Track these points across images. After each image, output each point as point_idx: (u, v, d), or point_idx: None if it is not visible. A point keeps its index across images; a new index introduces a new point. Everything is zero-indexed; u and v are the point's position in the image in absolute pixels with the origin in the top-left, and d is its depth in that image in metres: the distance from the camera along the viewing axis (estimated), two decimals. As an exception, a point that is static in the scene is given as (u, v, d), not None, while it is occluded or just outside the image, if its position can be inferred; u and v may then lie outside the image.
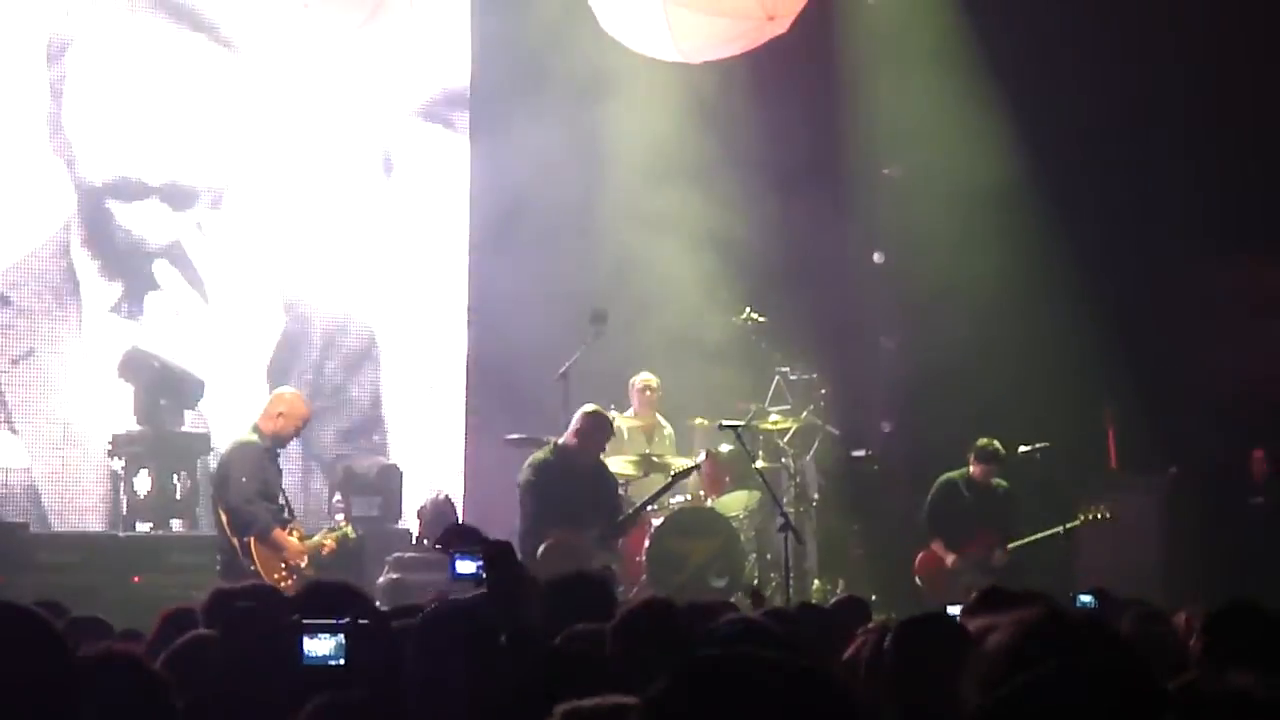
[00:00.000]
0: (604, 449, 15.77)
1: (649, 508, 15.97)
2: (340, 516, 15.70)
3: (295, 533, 14.90)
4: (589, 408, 15.76)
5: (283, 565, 14.55)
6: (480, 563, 7.52)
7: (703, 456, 16.92)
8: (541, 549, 14.75)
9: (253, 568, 14.39)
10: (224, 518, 15.02)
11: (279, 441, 15.25)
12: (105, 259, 18.00)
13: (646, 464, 16.56)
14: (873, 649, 6.27)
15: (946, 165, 19.21)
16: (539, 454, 15.63)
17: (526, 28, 18.79)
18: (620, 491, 16.03)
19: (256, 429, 15.23)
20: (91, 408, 17.56)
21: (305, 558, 14.75)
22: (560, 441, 15.61)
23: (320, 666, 5.77)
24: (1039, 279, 18.65)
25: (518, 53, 19.06)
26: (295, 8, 15.79)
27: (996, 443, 17.36)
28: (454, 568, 8.46)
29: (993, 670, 3.89)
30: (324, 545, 15.11)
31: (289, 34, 17.32)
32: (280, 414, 15.23)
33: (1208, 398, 18.69)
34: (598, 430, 15.64)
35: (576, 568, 13.04)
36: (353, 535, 15.42)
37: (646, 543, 15.96)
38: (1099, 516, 17.36)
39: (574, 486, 15.38)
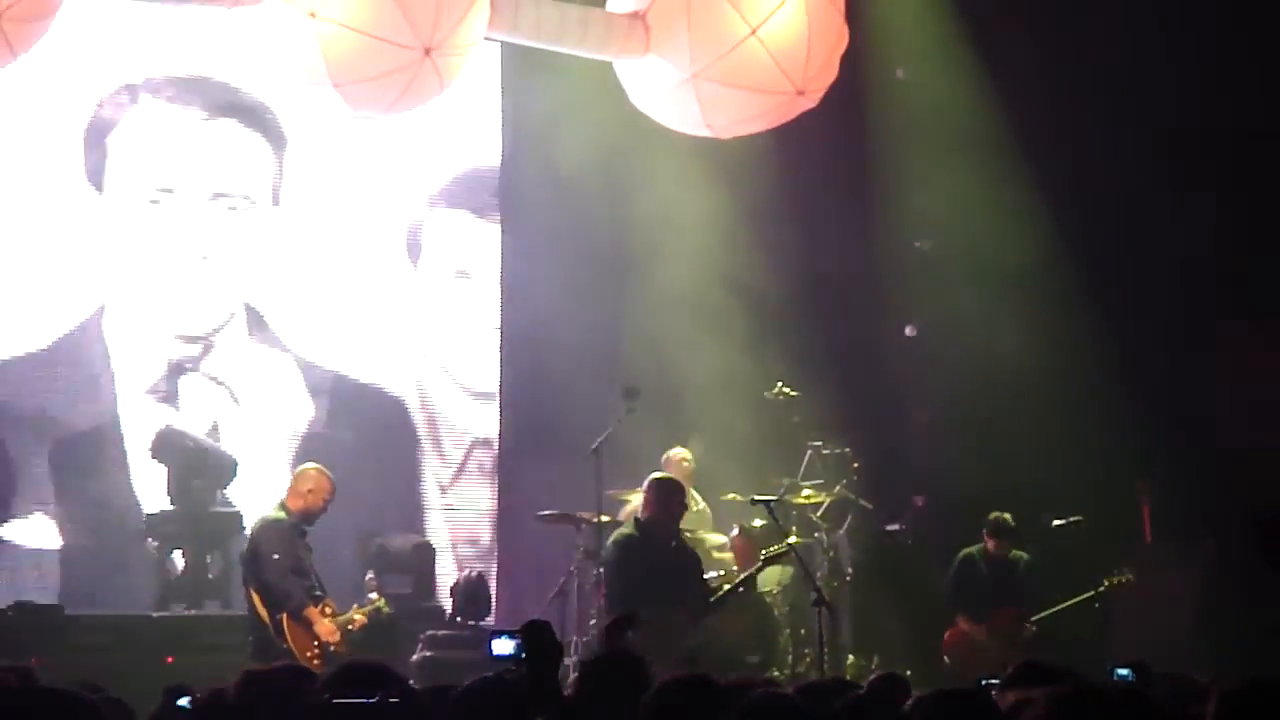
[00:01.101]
0: (683, 514, 15.65)
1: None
2: (374, 595, 15.61)
3: (327, 610, 14.85)
4: (655, 476, 15.70)
5: (315, 644, 14.49)
6: (518, 641, 7.46)
7: (735, 531, 16.90)
8: (633, 631, 14.64)
9: (285, 646, 14.34)
10: (256, 596, 14.97)
11: (307, 519, 15.16)
12: (140, 341, 18.02)
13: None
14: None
15: (977, 239, 19.21)
16: (622, 530, 15.53)
17: (555, 107, 18.84)
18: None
19: (284, 506, 15.19)
20: (126, 488, 17.57)
21: (338, 635, 14.70)
22: (639, 517, 15.54)
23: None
24: (1070, 352, 18.65)
25: (547, 132, 19.10)
26: (328, 90, 15.81)
27: (1007, 515, 17.34)
28: (491, 648, 8.43)
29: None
30: (354, 620, 15.09)
31: (323, 117, 17.32)
32: (309, 490, 15.19)
33: (1250, 465, 18.65)
34: (673, 495, 15.46)
35: (669, 649, 13.17)
36: (386, 609, 15.38)
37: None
38: (1122, 581, 17.31)
39: (658, 561, 15.22)
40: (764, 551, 16.22)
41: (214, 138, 18.42)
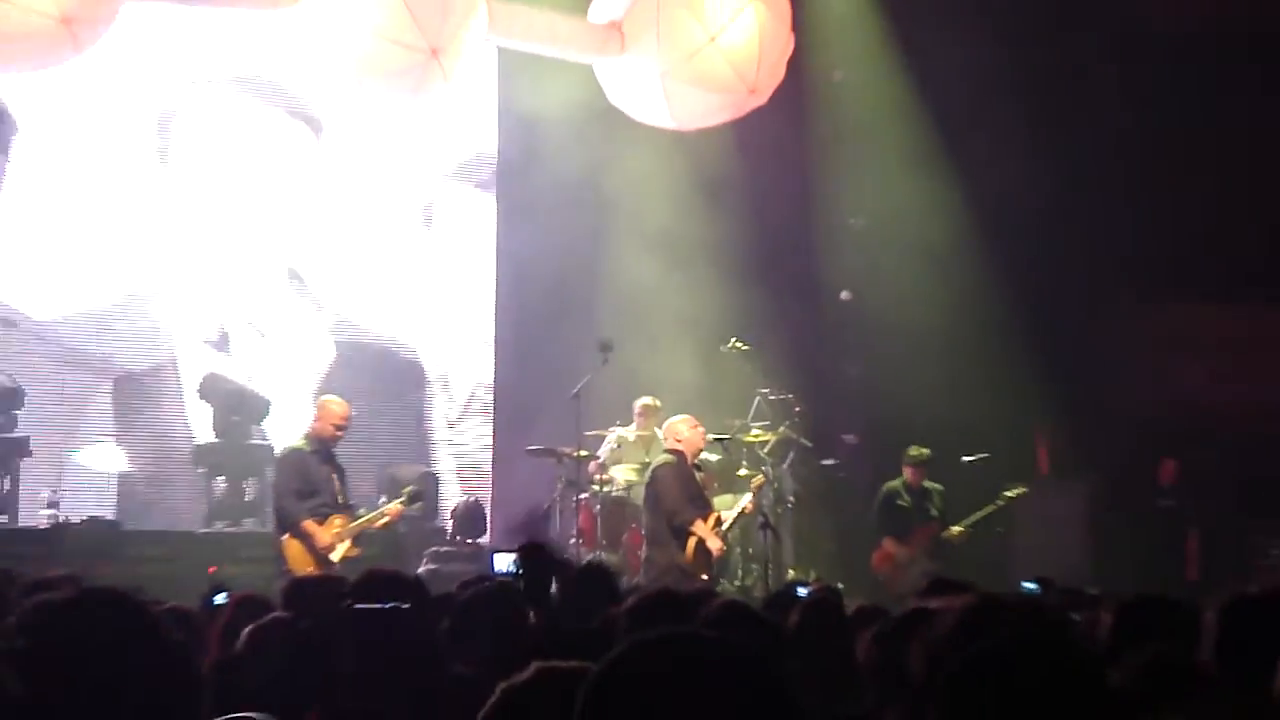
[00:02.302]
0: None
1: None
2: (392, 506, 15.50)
3: (336, 522, 14.66)
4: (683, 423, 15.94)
5: (313, 557, 14.29)
6: (516, 559, 7.53)
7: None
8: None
9: (285, 567, 13.96)
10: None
11: (322, 443, 14.90)
12: (194, 298, 18.07)
13: (644, 472, 16.55)
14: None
15: (902, 219, 19.30)
16: (669, 460, 15.65)
17: (543, 100, 18.84)
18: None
19: (305, 436, 15.13)
20: (178, 423, 17.63)
21: (338, 548, 14.52)
22: (674, 448, 15.72)
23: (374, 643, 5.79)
24: (982, 317, 18.72)
25: (537, 122, 19.10)
26: (352, 84, 15.85)
27: (924, 450, 17.57)
28: (492, 563, 8.50)
29: (939, 650, 3.91)
30: (382, 517, 15.06)
31: (348, 107, 17.32)
32: (317, 418, 15.05)
33: (1128, 415, 18.78)
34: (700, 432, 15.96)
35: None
36: (409, 504, 15.36)
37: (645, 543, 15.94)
38: (1018, 494, 17.68)
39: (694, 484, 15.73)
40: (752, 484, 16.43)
41: (262, 124, 18.41)
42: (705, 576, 15.17)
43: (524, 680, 3.59)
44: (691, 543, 15.42)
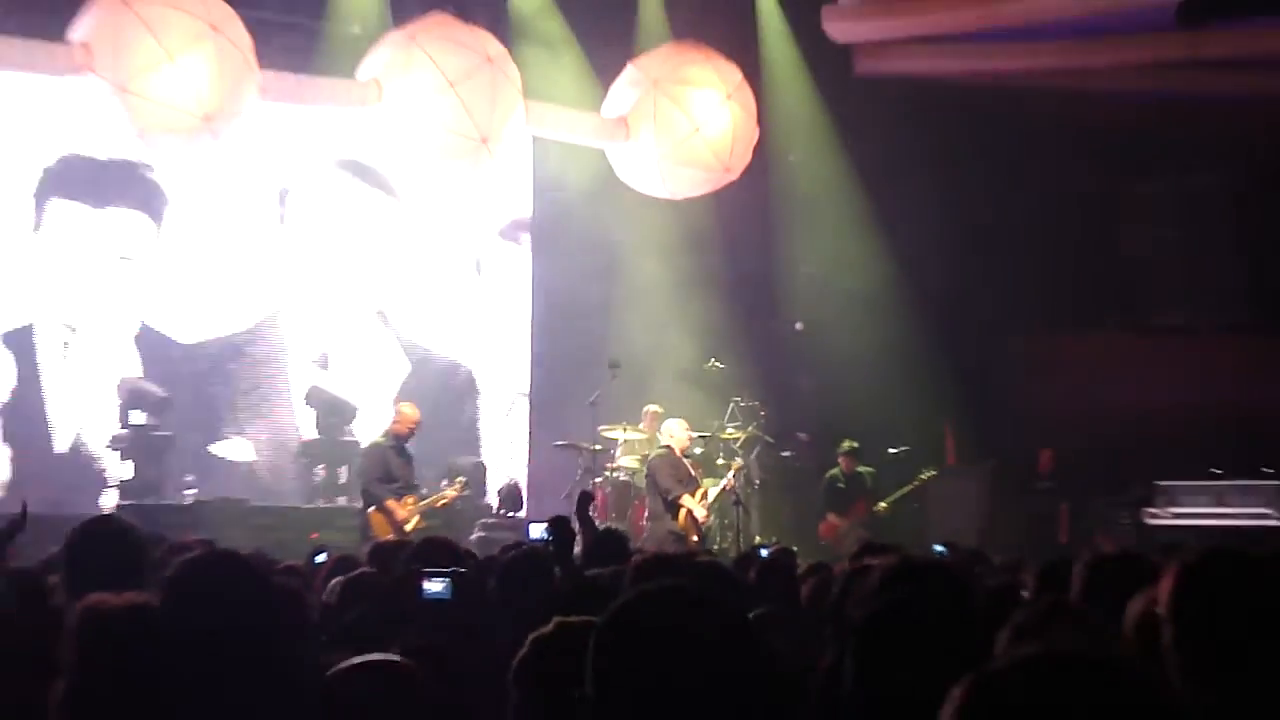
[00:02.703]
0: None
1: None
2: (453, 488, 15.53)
3: (409, 502, 14.73)
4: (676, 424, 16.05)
5: (392, 527, 14.39)
6: (547, 527, 7.55)
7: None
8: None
9: (370, 534, 14.11)
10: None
11: (400, 439, 14.98)
12: (305, 327, 18.11)
13: (644, 462, 16.56)
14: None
15: (844, 267, 19.34)
16: (662, 452, 15.84)
17: (567, 174, 18.90)
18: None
19: (385, 432, 15.18)
20: (289, 424, 17.64)
21: (413, 517, 14.60)
22: (667, 445, 15.87)
23: (434, 600, 5.83)
24: (903, 340, 18.77)
25: (562, 192, 19.16)
26: (421, 163, 15.91)
27: (853, 442, 17.67)
28: (528, 532, 8.50)
29: (868, 596, 3.95)
30: (444, 497, 15.11)
31: (418, 181, 17.32)
32: (396, 420, 15.12)
33: (1015, 417, 18.84)
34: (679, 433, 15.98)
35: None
36: (461, 491, 15.42)
37: (646, 515, 15.97)
38: (930, 475, 17.86)
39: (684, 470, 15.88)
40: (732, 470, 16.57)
41: (355, 195, 18.44)
42: (695, 538, 15.21)
43: (547, 632, 3.64)
44: (682, 513, 15.46)
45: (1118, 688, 2.08)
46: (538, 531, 8.43)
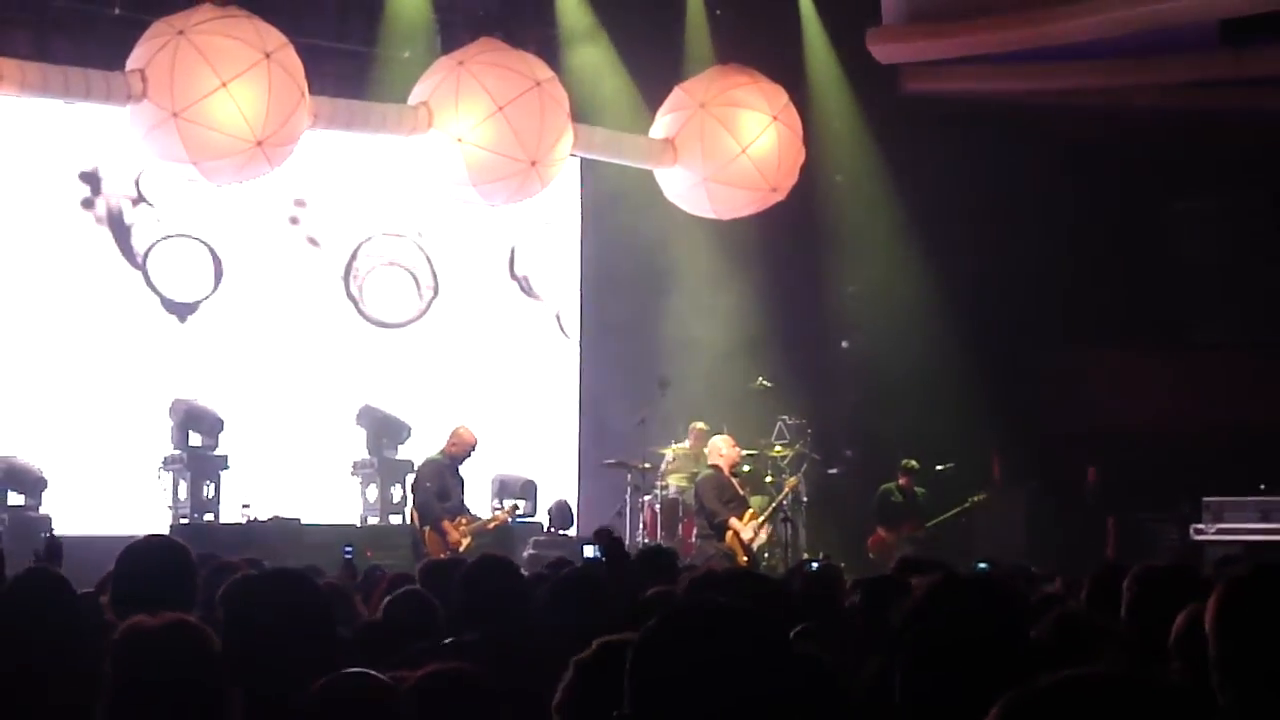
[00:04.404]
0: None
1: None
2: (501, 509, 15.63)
3: (462, 522, 14.78)
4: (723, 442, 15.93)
5: (445, 547, 14.41)
6: (599, 548, 7.54)
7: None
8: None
9: (425, 549, 14.27)
10: (414, 513, 15.05)
11: (455, 460, 15.10)
12: (357, 345, 18.17)
13: (692, 480, 16.50)
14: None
15: (889, 285, 19.25)
16: (709, 472, 15.69)
17: (615, 198, 18.88)
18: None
19: (441, 451, 15.21)
20: (343, 443, 17.59)
21: (465, 539, 14.64)
22: (715, 463, 15.73)
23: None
24: (948, 359, 18.65)
25: (610, 215, 19.15)
26: (475, 186, 15.89)
27: (914, 461, 17.56)
28: (582, 550, 8.51)
29: (915, 610, 3.89)
30: (495, 519, 15.19)
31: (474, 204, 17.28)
32: (453, 442, 15.20)
33: (1058, 433, 18.72)
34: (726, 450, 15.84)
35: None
36: (512, 515, 15.48)
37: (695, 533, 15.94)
38: (980, 499, 17.73)
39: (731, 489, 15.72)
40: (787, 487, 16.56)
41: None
42: (745, 559, 15.12)
43: (589, 655, 3.60)
44: (729, 535, 15.40)
45: (1156, 710, 2.03)
46: (591, 551, 8.44)
